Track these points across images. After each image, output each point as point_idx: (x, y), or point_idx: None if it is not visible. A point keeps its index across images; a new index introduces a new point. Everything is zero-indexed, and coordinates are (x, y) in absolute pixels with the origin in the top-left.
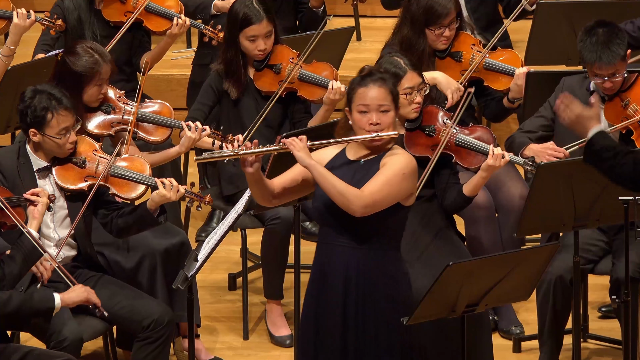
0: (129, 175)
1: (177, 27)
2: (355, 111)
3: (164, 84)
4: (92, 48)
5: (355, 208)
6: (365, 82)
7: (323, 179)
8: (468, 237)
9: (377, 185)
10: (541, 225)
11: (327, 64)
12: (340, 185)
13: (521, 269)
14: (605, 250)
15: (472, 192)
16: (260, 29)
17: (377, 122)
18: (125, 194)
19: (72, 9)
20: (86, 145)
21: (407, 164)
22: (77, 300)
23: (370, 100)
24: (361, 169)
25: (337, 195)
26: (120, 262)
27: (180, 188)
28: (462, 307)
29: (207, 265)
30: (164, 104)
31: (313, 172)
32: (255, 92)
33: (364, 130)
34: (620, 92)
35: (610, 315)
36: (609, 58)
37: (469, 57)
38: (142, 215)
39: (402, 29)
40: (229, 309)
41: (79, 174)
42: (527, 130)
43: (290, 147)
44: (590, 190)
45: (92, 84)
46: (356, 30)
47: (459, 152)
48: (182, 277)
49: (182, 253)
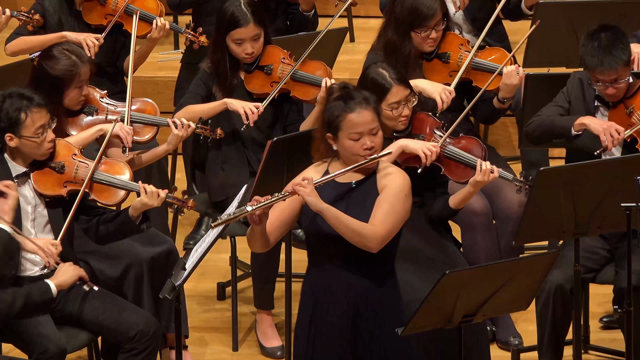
0: (109, 180)
1: (157, 30)
2: (346, 139)
3: (151, 86)
4: (69, 50)
5: (373, 245)
6: (351, 108)
7: (338, 221)
8: (465, 245)
9: (385, 215)
10: (540, 232)
11: (320, 62)
12: (355, 225)
13: (520, 278)
14: (607, 259)
15: (459, 205)
16: (246, 32)
17: (371, 146)
18: (105, 200)
19: (52, 11)
20: (65, 149)
21: (403, 182)
22: (71, 281)
23: (362, 126)
24: (354, 191)
25: (353, 236)
26: (105, 271)
27: (161, 193)
28: (459, 317)
29: (195, 274)
30: (147, 102)
31: (327, 215)
32: (246, 94)
33: (357, 155)
34: (625, 99)
35: (612, 326)
36: (612, 63)
37: (456, 57)
38: (123, 223)
39: (387, 32)
40: (217, 319)
41: (57, 179)
42: (548, 115)
43: (300, 193)
44: (591, 197)
45: (72, 87)
46: (349, 31)
47: (448, 164)
48: (169, 287)
49: (170, 261)
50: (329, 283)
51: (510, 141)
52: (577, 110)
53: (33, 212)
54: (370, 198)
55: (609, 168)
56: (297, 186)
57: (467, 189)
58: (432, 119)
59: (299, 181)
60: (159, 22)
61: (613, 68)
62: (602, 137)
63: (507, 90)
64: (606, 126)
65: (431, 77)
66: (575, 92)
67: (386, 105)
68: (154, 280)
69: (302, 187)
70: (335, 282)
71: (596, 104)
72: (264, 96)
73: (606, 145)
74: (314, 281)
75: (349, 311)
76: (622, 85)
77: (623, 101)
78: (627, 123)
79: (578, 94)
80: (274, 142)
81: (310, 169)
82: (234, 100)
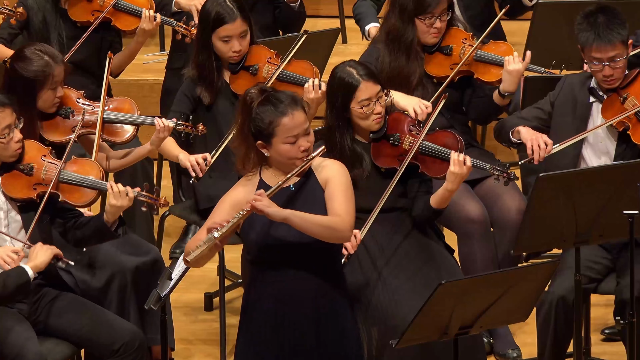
0: (77, 180)
1: (147, 20)
2: (281, 144)
3: (136, 89)
4: (42, 50)
5: (347, 234)
6: (283, 111)
7: (305, 222)
8: (461, 254)
9: (344, 204)
10: (540, 241)
11: (306, 62)
12: (323, 220)
13: (519, 288)
14: (608, 269)
15: (440, 204)
16: (234, 28)
17: (307, 147)
18: (75, 200)
19: (37, 9)
20: (35, 151)
21: (343, 169)
22: (47, 261)
23: (297, 129)
24: (296, 195)
25: (324, 231)
26: (88, 281)
27: (130, 192)
28: (455, 329)
29: (182, 284)
30: (125, 100)
31: (292, 220)
32: (231, 95)
33: (295, 158)
34: (620, 89)
35: (614, 338)
36: (609, 37)
37: (459, 50)
38: (98, 228)
39: (390, 18)
40: (205, 331)
41: (26, 182)
42: (522, 117)
43: (259, 207)
44: (592, 204)
45: (45, 89)
46: (342, 32)
47: (424, 160)
48: (154, 297)
49: (155, 271)
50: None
51: None
52: (562, 112)
53: (6, 218)
54: (316, 195)
55: (611, 174)
56: (253, 201)
57: (445, 185)
58: (408, 118)
59: (252, 196)
60: (149, 14)
61: (611, 42)
62: (528, 146)
63: (510, 81)
64: (535, 136)
65: (432, 70)
66: (563, 96)
67: (356, 104)
68: (139, 290)
69: (259, 201)
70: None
71: (591, 100)
72: None
73: (532, 156)
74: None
75: (312, 314)
76: (620, 66)
77: (617, 91)
78: (620, 111)
79: (568, 97)
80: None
81: (240, 184)
82: (183, 155)
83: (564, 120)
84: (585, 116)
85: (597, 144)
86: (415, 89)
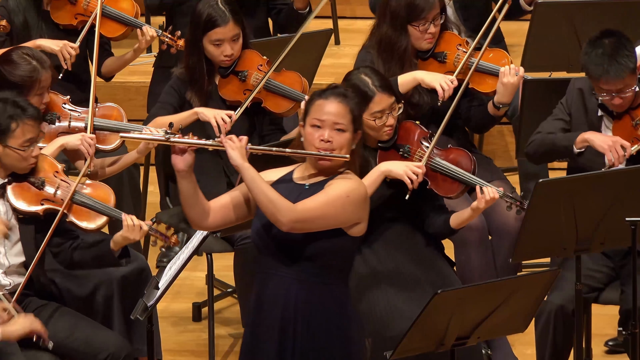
0: (92, 204)
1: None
2: (309, 125)
3: (121, 92)
4: (29, 54)
5: (284, 220)
6: (325, 95)
7: (253, 183)
8: (458, 262)
9: (314, 202)
10: (539, 249)
11: (296, 74)
12: (272, 194)
13: (517, 297)
14: (610, 277)
15: (460, 225)
16: (225, 32)
17: (328, 139)
18: (84, 222)
19: (17, 11)
20: (47, 166)
21: (354, 188)
22: (20, 334)
23: (326, 115)
24: (305, 192)
25: (266, 203)
26: (73, 290)
27: (144, 226)
28: (452, 339)
29: (169, 293)
30: (113, 107)
31: (244, 173)
32: (219, 100)
33: (313, 146)
34: (631, 110)
35: (618, 350)
36: (617, 72)
37: (453, 57)
38: (102, 255)
39: (381, 27)
40: (193, 341)
41: (35, 195)
42: (548, 132)
43: (225, 145)
44: (594, 211)
45: (32, 94)
46: (334, 33)
47: (435, 177)
48: (141, 307)
49: (142, 280)
50: (269, 283)
51: (507, 151)
52: (578, 122)
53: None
54: None
55: (613, 180)
56: (227, 139)
57: (469, 212)
58: (420, 129)
59: (232, 136)
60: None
61: (619, 77)
62: (608, 155)
63: (505, 93)
64: (611, 142)
65: None
66: (575, 104)
67: (369, 115)
68: (125, 300)
69: (231, 141)
70: (274, 284)
71: (600, 114)
72: (236, 104)
73: (612, 162)
74: (256, 284)
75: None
76: (629, 95)
77: (629, 112)
78: (633, 135)
79: (579, 105)
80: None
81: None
82: (205, 109)
83: (581, 129)
84: (597, 127)
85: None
86: (412, 97)
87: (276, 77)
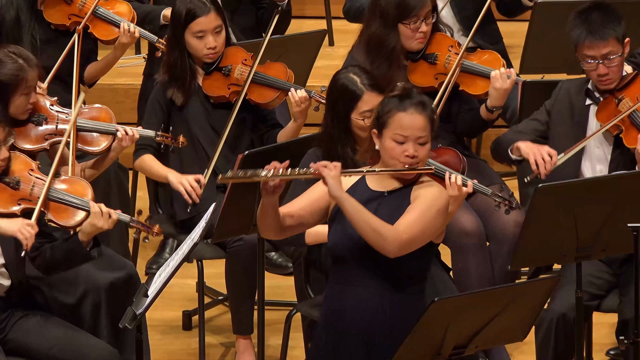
0: (69, 200)
1: (125, 34)
2: (389, 138)
3: (110, 94)
4: (16, 53)
5: (391, 248)
6: (404, 106)
7: (356, 214)
8: (455, 269)
9: (412, 220)
10: (539, 256)
11: (281, 64)
12: (375, 222)
13: (516, 305)
14: (610, 284)
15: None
16: (207, 22)
17: (414, 154)
18: (63, 220)
19: (9, 7)
20: (21, 164)
21: (439, 196)
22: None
23: (410, 130)
24: (386, 201)
25: (371, 233)
26: (60, 297)
27: (113, 214)
28: (449, 349)
29: (159, 301)
30: (101, 109)
31: (345, 205)
32: (203, 97)
33: (396, 160)
34: (616, 91)
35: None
36: (602, 33)
37: (444, 59)
38: (72, 249)
39: (370, 26)
40: (183, 351)
41: (11, 196)
42: (518, 130)
43: (324, 173)
44: (594, 216)
45: (18, 94)
46: (328, 33)
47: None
48: (130, 315)
49: (130, 288)
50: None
51: None
52: (559, 122)
53: None
54: (401, 209)
55: (615, 184)
56: (323, 167)
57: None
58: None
59: (326, 162)
60: (127, 27)
61: (603, 39)
62: (532, 161)
63: (497, 97)
64: (537, 149)
65: (416, 79)
66: (560, 103)
67: (357, 114)
68: (113, 308)
69: (328, 169)
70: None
71: (587, 103)
72: (221, 99)
73: (538, 171)
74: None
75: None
76: (615, 64)
77: (613, 93)
78: (615, 114)
79: (565, 103)
80: (245, 156)
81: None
82: (173, 176)
83: (563, 128)
84: (583, 122)
85: (593, 150)
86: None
87: (262, 70)
